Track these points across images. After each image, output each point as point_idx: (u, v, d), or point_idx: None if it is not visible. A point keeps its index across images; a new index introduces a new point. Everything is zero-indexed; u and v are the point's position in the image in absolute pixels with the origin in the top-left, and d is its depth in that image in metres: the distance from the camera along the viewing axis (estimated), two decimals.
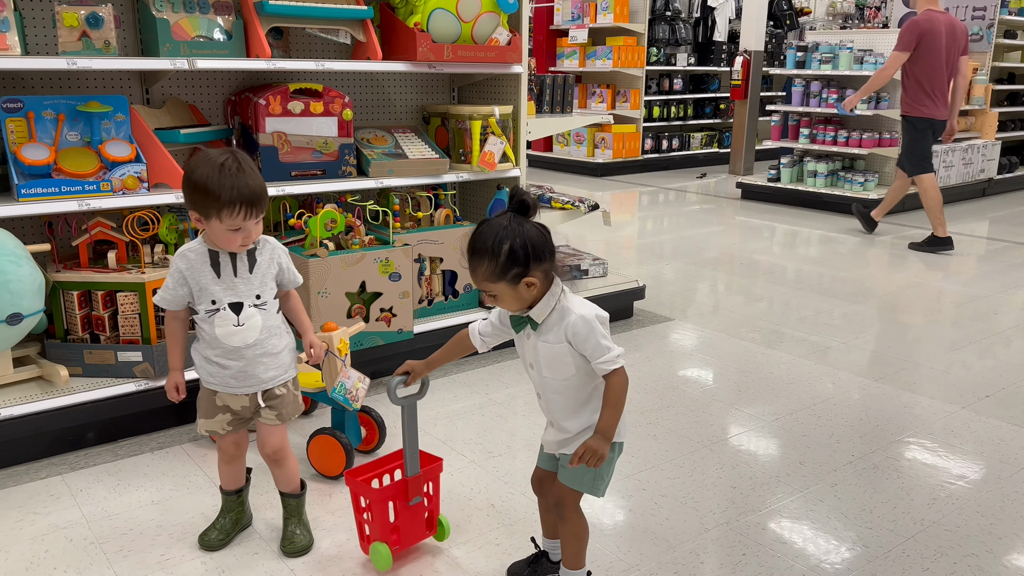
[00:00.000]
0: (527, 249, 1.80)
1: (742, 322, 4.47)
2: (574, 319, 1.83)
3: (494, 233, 1.82)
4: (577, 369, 1.88)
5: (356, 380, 2.73)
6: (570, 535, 2.04)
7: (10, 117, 2.83)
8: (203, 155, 2.02)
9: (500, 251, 1.80)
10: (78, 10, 2.80)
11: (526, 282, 1.82)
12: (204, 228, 2.05)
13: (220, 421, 2.20)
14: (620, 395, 1.86)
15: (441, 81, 4.24)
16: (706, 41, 11.22)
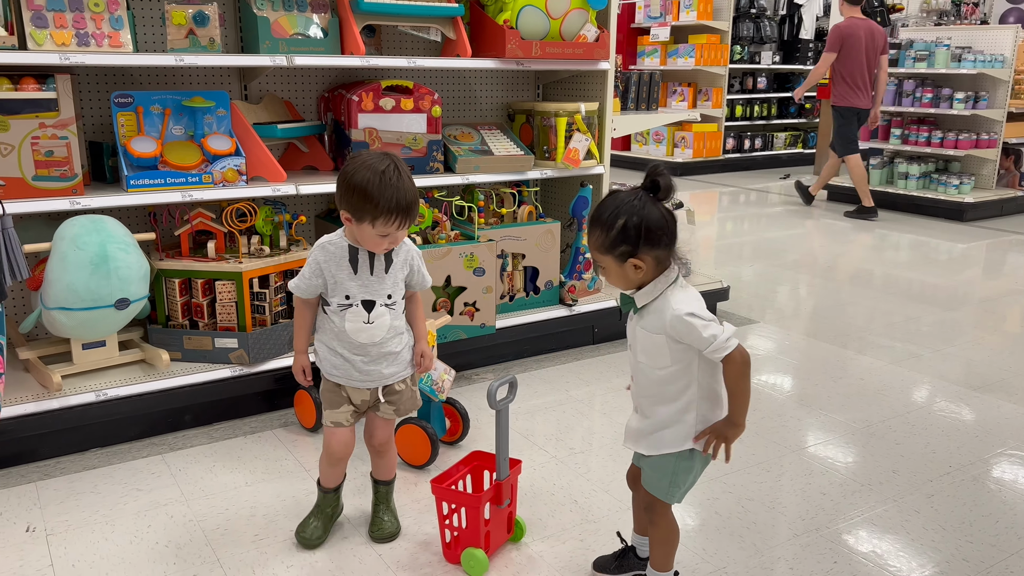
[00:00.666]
0: (641, 229, 1.76)
1: (827, 327, 4.35)
2: (671, 317, 1.78)
3: (615, 206, 1.80)
4: (673, 362, 1.83)
5: (442, 372, 2.77)
6: (659, 538, 2.02)
7: (121, 111, 2.97)
8: (363, 158, 2.03)
9: (614, 225, 1.78)
10: (186, 9, 2.92)
11: (632, 263, 1.79)
12: (351, 226, 2.06)
13: (344, 413, 2.22)
14: (735, 380, 1.80)
15: (526, 78, 4.26)
16: (792, 39, 10.96)
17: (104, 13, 2.80)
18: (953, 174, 7.55)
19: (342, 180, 2.04)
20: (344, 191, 2.03)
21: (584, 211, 3.87)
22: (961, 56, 7.35)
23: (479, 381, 3.50)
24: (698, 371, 1.84)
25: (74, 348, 2.90)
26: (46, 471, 2.70)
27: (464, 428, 2.90)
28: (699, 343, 1.77)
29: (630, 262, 1.79)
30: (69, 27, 2.75)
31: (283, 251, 3.18)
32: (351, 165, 2.04)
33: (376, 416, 2.28)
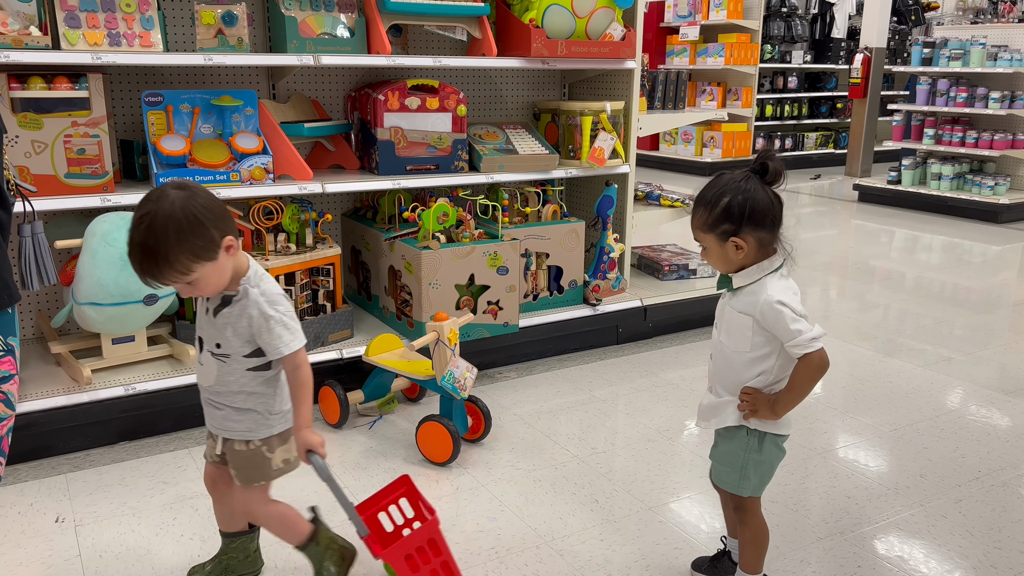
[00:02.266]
0: (745, 209, 1.77)
1: (856, 329, 4.29)
2: (763, 301, 1.80)
3: (721, 185, 1.82)
4: (752, 348, 1.84)
5: (464, 370, 2.78)
6: (747, 539, 1.98)
7: (152, 110, 3.01)
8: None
9: (718, 203, 1.79)
10: (215, 9, 2.95)
11: (734, 242, 1.80)
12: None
13: (208, 447, 2.04)
14: (803, 379, 1.81)
15: (552, 77, 4.25)
16: (824, 38, 10.83)
17: (135, 13, 2.85)
18: (988, 175, 7.41)
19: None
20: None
21: (609, 210, 3.86)
22: (997, 55, 7.22)
23: (502, 380, 3.51)
24: (775, 363, 1.85)
25: (104, 343, 2.95)
26: (76, 463, 2.75)
27: (486, 426, 2.90)
28: (784, 334, 1.79)
29: (731, 242, 1.80)
30: (101, 27, 2.79)
31: (309, 249, 3.20)
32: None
33: (225, 468, 2.01)
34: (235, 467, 1.95)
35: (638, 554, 2.27)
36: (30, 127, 2.72)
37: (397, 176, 3.40)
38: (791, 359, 1.83)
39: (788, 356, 1.83)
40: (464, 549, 2.29)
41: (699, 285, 4.26)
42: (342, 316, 3.31)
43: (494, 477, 2.68)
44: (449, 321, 2.76)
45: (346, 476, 2.68)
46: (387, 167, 3.40)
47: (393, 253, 3.37)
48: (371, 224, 3.60)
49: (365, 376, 3.11)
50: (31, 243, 2.41)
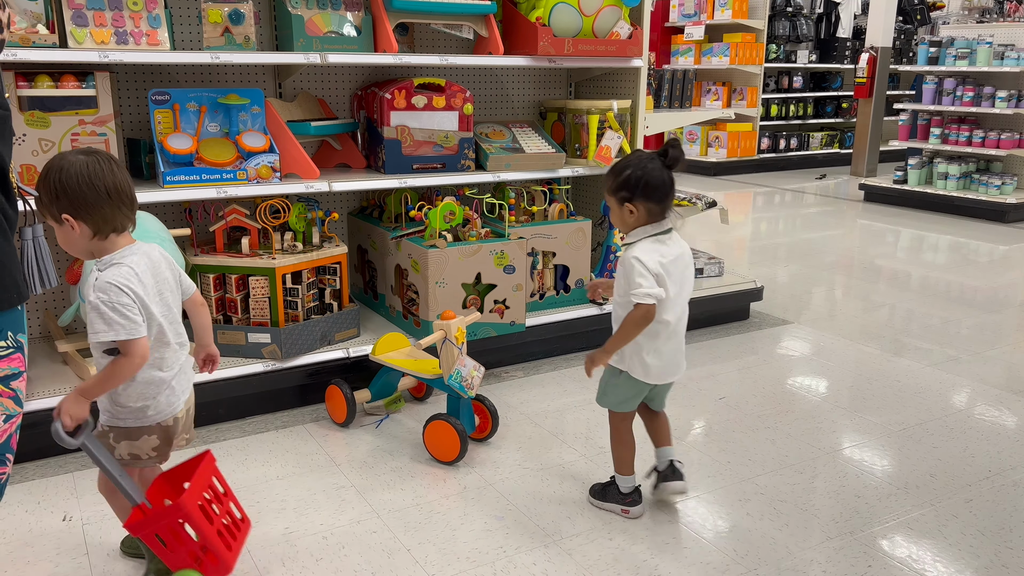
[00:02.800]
0: (640, 182, 2.18)
1: (863, 329, 4.28)
2: (628, 258, 2.20)
3: (629, 159, 2.24)
4: (623, 293, 2.23)
5: (472, 368, 2.77)
6: (614, 443, 2.44)
7: (158, 109, 3.01)
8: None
9: (621, 173, 2.22)
10: (222, 7, 2.95)
11: (628, 207, 2.21)
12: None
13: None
14: (629, 324, 2.21)
15: (559, 76, 4.25)
16: (829, 38, 10.81)
17: (142, 12, 2.85)
18: (995, 174, 7.39)
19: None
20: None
21: None
22: (1004, 54, 7.19)
23: (509, 379, 3.50)
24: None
25: None
26: (83, 461, 2.75)
27: (493, 425, 2.90)
28: (630, 284, 2.19)
29: (626, 206, 2.22)
30: (108, 25, 2.79)
31: (316, 247, 3.20)
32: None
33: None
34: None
35: (647, 554, 2.27)
36: (37, 125, 2.72)
37: (403, 175, 3.40)
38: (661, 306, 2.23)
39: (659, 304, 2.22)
40: (472, 548, 2.28)
41: (706, 284, 4.25)
42: (349, 315, 3.31)
43: (501, 476, 2.68)
44: (456, 320, 2.75)
45: (352, 475, 2.67)
46: (393, 166, 3.40)
47: (399, 252, 3.37)
48: (377, 223, 3.60)
49: (372, 375, 3.10)
50: (32, 246, 2.40)
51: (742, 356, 3.83)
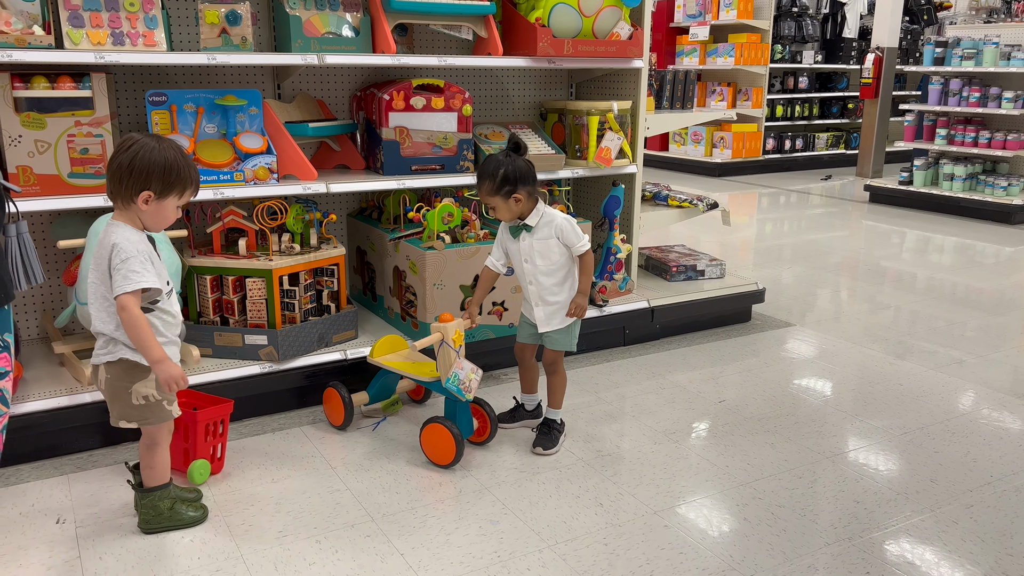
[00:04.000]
0: (516, 174, 2.63)
1: (866, 331, 4.25)
2: (560, 221, 2.70)
3: (494, 163, 2.65)
4: (560, 256, 2.73)
5: (469, 371, 2.75)
6: (559, 384, 2.89)
7: (155, 110, 3.00)
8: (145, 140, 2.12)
9: (497, 174, 2.62)
10: (219, 8, 2.94)
11: (515, 197, 2.64)
12: (144, 208, 2.12)
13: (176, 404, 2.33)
14: (589, 266, 2.76)
15: (559, 77, 4.23)
16: (835, 38, 10.76)
17: (139, 12, 2.84)
18: (1001, 175, 7.33)
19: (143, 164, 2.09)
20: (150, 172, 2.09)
21: (616, 211, 3.83)
22: (1010, 54, 7.14)
23: (508, 381, 3.48)
24: (572, 264, 2.77)
25: None
26: (79, 464, 2.74)
27: (492, 429, 2.88)
28: (572, 239, 2.70)
29: (512, 197, 2.64)
30: (105, 26, 2.78)
31: (313, 249, 3.19)
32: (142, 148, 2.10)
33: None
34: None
35: (643, 559, 2.24)
36: (33, 127, 2.71)
37: (402, 176, 3.38)
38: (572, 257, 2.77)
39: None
40: (466, 552, 2.26)
41: (707, 286, 4.23)
42: (346, 317, 3.30)
43: (498, 479, 2.66)
44: (454, 323, 2.73)
45: (348, 477, 2.65)
46: (392, 167, 3.38)
47: (398, 254, 3.35)
48: (376, 224, 3.58)
49: (370, 377, 3.08)
50: (16, 243, 2.39)
51: (743, 359, 3.80)
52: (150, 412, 2.23)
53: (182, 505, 2.36)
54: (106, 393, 2.24)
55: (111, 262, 2.09)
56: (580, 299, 2.77)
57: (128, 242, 2.10)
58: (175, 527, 2.34)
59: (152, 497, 2.31)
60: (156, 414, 2.24)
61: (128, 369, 2.19)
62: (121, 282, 2.07)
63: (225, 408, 2.65)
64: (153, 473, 2.32)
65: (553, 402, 2.90)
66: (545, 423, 2.91)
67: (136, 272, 2.07)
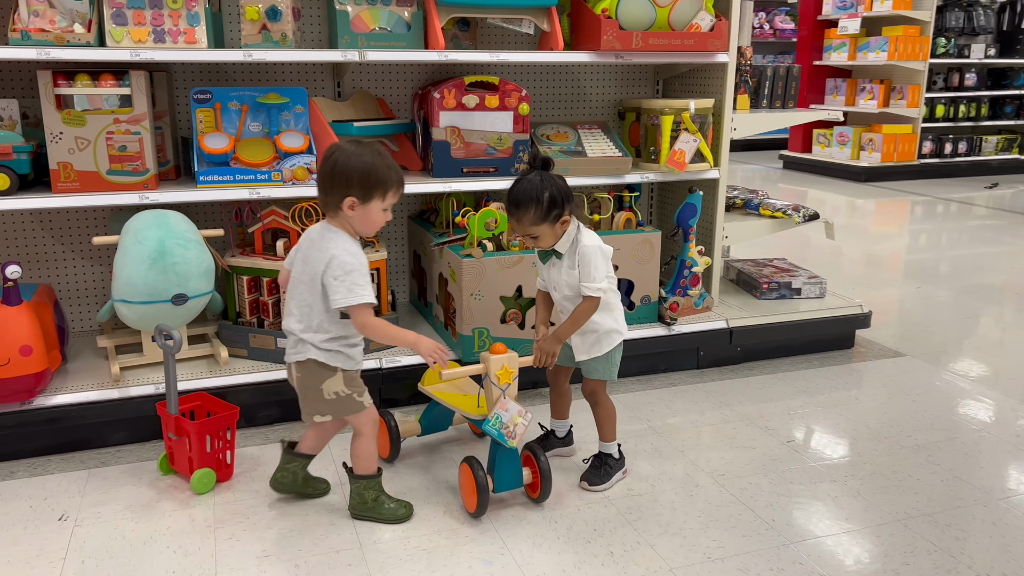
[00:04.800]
0: (561, 194, 2.35)
1: (1003, 370, 3.64)
2: (583, 246, 2.39)
3: (534, 186, 2.34)
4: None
5: (515, 414, 2.37)
6: (605, 416, 2.58)
7: (200, 107, 2.99)
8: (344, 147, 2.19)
9: (543, 199, 2.33)
10: (259, 4, 2.88)
11: (562, 221, 2.38)
12: (351, 214, 2.18)
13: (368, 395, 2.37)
14: (581, 316, 2.43)
15: (642, 73, 3.91)
16: (1012, 29, 9.60)
17: (181, 10, 2.82)
18: None
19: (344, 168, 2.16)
20: (350, 177, 2.16)
21: (691, 220, 3.48)
22: None
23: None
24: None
25: (144, 339, 2.96)
26: (103, 459, 2.77)
27: (544, 488, 2.42)
28: (585, 274, 2.39)
29: (560, 221, 2.38)
30: (147, 24, 2.78)
31: None
32: (345, 154, 2.18)
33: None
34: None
35: None
36: (74, 124, 2.75)
37: (452, 179, 3.21)
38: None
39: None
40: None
41: (803, 307, 3.78)
42: None
43: (507, 515, 2.42)
44: (504, 356, 2.36)
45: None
46: (441, 169, 3.22)
47: (442, 259, 3.19)
48: (429, 228, 3.43)
49: (404, 386, 2.92)
50: None
51: (830, 392, 3.35)
52: (343, 405, 2.30)
53: (388, 499, 2.38)
54: (298, 390, 2.33)
55: (328, 271, 2.16)
56: (548, 343, 2.44)
57: (349, 254, 2.17)
58: (378, 519, 2.36)
59: (359, 485, 2.36)
60: (348, 407, 2.30)
61: (316, 369, 2.26)
62: (346, 295, 2.14)
63: (230, 417, 2.58)
64: (359, 462, 2.37)
65: (602, 435, 2.60)
66: (598, 457, 2.61)
67: (360, 286, 2.15)
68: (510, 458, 2.40)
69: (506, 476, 2.40)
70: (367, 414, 2.35)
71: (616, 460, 2.60)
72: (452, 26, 3.40)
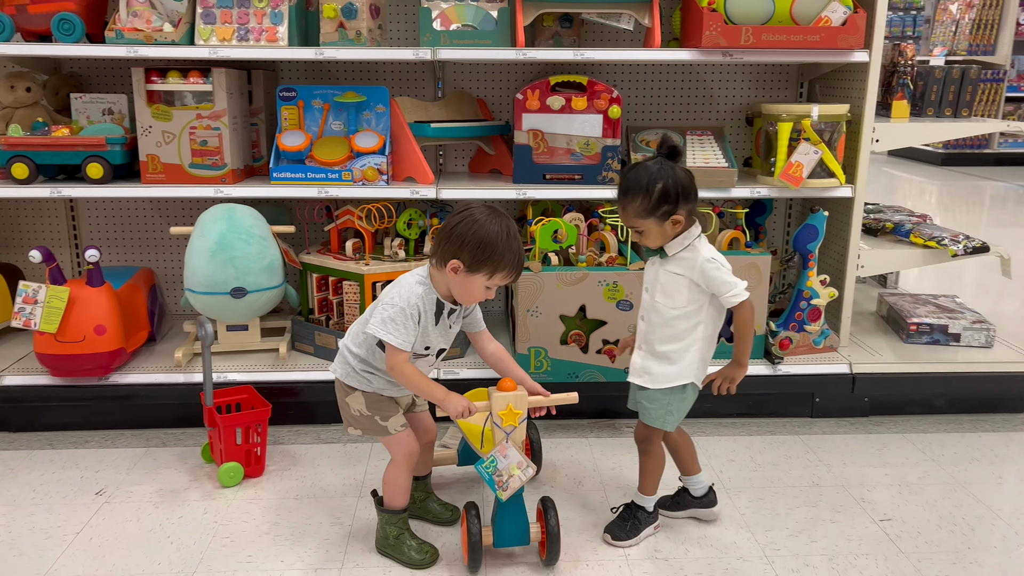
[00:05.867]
0: (677, 189, 2.05)
1: None
2: (702, 261, 2.08)
3: (648, 174, 2.06)
4: (688, 302, 2.12)
5: (513, 464, 2.09)
6: (653, 467, 2.27)
7: (285, 105, 3.03)
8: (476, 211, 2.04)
9: (653, 190, 2.04)
10: (336, 2, 2.85)
11: (673, 219, 2.07)
12: (452, 277, 2.03)
13: (401, 417, 2.21)
14: (746, 326, 2.13)
15: (780, 73, 3.45)
16: None
17: (266, 9, 2.87)
18: None
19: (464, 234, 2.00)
20: (462, 242, 2.00)
21: (811, 243, 3.00)
22: None
23: (628, 434, 2.92)
24: (706, 315, 2.15)
25: (220, 328, 3.05)
26: (163, 440, 2.88)
27: (550, 550, 2.10)
28: (720, 287, 2.08)
29: (671, 219, 2.07)
30: (233, 23, 2.86)
31: (419, 258, 2.98)
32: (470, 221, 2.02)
33: (418, 414, 2.35)
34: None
35: None
36: (161, 118, 2.89)
37: (531, 185, 3.01)
38: (719, 308, 2.16)
39: (716, 306, 2.15)
40: None
41: (959, 357, 3.14)
42: None
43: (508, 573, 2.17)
44: (511, 395, 2.08)
45: (365, 512, 2.40)
46: (522, 174, 3.03)
47: None
48: None
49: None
50: None
51: (970, 464, 2.73)
52: (366, 424, 2.19)
53: (410, 540, 2.19)
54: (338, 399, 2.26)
55: (383, 295, 2.09)
56: (729, 369, 2.20)
57: (410, 293, 2.05)
58: (397, 560, 2.17)
59: (383, 518, 2.20)
60: (371, 427, 2.18)
61: (340, 383, 2.22)
62: (378, 325, 2.02)
63: (261, 414, 2.57)
64: (387, 490, 2.21)
65: (642, 486, 2.28)
66: (629, 507, 2.30)
67: (397, 326, 2.01)
68: (513, 511, 2.12)
69: (508, 531, 2.13)
70: (396, 440, 2.17)
71: (649, 514, 2.29)
72: (553, 22, 3.18)
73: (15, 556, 2.20)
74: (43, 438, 2.88)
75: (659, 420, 2.19)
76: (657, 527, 2.31)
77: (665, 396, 2.18)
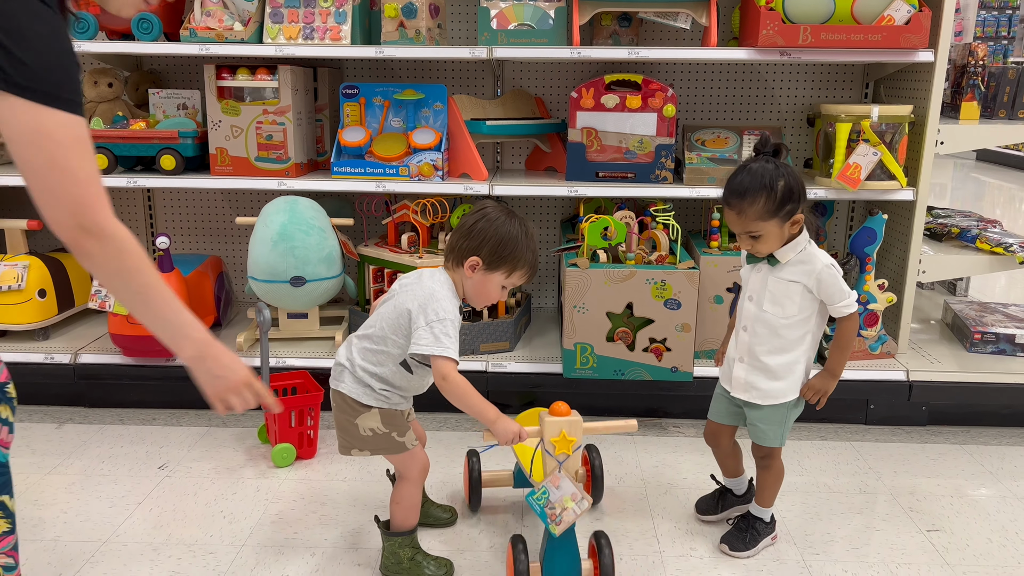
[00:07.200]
0: (798, 187, 1.97)
1: None
2: (821, 267, 2.01)
3: (767, 173, 1.96)
4: (800, 310, 2.05)
5: (567, 496, 1.94)
6: (771, 481, 2.21)
7: (347, 102, 3.13)
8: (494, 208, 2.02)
9: (777, 188, 1.94)
10: (397, 1, 2.93)
11: (794, 219, 1.99)
12: (470, 275, 1.99)
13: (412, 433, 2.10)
14: (850, 338, 2.10)
15: (845, 73, 3.38)
16: None
17: (331, 8, 2.97)
18: None
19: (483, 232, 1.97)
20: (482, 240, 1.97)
21: (868, 247, 2.94)
22: None
23: (677, 434, 2.92)
24: (814, 323, 2.08)
25: (280, 315, 3.17)
26: (224, 420, 3.01)
27: None
28: (836, 295, 2.02)
29: (792, 219, 1.98)
30: (299, 22, 2.97)
31: None
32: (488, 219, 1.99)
33: (413, 423, 2.21)
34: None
35: None
36: (230, 113, 3.03)
37: (582, 183, 3.03)
38: (824, 315, 2.10)
39: (822, 314, 2.09)
40: None
41: (1015, 367, 3.03)
42: (500, 327, 3.07)
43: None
44: (564, 420, 1.93)
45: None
46: (575, 172, 3.05)
47: (560, 266, 3.02)
48: (567, 232, 3.28)
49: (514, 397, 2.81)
50: None
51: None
52: (380, 443, 2.04)
53: (425, 559, 2.11)
54: (334, 420, 2.09)
55: (419, 311, 1.92)
56: (822, 381, 2.12)
57: (449, 302, 1.96)
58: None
59: (393, 543, 2.10)
60: (387, 445, 2.05)
61: (350, 403, 2.03)
62: (432, 343, 1.88)
63: (314, 398, 2.67)
64: (397, 510, 2.10)
65: (760, 498, 2.23)
66: (746, 518, 2.25)
67: (450, 337, 1.91)
68: (565, 547, 1.96)
69: (558, 568, 1.96)
70: (411, 457, 2.07)
71: (767, 524, 2.24)
72: (612, 22, 3.20)
73: (82, 522, 2.34)
74: (114, 414, 3.05)
75: (776, 438, 2.14)
76: (775, 537, 2.26)
77: (777, 412, 2.13)
